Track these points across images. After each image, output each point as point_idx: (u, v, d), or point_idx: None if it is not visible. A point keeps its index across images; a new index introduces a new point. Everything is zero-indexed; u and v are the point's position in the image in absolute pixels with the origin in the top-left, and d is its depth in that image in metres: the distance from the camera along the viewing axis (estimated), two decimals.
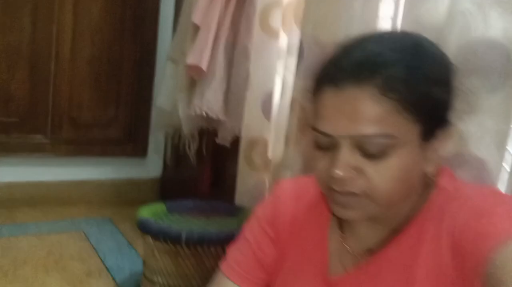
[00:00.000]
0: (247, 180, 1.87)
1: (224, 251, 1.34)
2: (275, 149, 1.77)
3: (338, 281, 0.77)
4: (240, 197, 1.90)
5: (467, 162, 1.09)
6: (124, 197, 2.83)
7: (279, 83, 1.75)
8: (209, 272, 1.53)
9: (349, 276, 0.76)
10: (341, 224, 0.81)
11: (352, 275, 0.76)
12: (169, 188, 2.84)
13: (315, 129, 0.68)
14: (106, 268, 2.05)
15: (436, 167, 0.71)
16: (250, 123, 1.82)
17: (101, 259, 2.13)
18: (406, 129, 0.64)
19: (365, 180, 0.65)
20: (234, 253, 0.89)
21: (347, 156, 0.65)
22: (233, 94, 1.94)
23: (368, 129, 0.63)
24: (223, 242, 1.49)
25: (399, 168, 0.65)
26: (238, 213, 1.85)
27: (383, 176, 0.65)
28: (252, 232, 0.88)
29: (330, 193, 0.69)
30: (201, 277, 1.57)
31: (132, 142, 2.87)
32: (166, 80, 2.32)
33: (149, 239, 1.62)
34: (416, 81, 0.64)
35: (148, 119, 2.85)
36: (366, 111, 0.63)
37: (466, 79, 0.73)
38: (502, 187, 1.09)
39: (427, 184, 0.73)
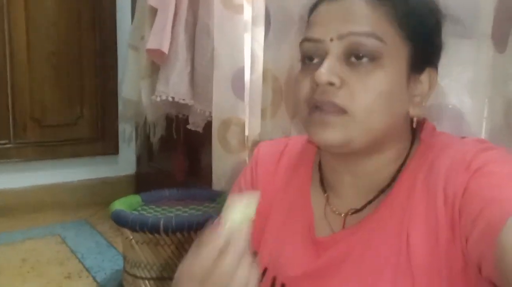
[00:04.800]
0: (223, 163, 1.81)
1: None
2: (251, 125, 1.71)
3: (326, 241, 0.72)
4: (218, 181, 1.84)
5: (445, 113, 1.07)
6: (99, 197, 2.72)
7: (248, 57, 1.68)
8: None
9: (337, 236, 0.71)
10: (323, 183, 0.77)
11: (340, 235, 0.71)
12: (145, 183, 2.76)
13: (304, 39, 0.68)
14: (86, 269, 1.99)
15: (419, 112, 0.68)
16: (221, 103, 1.75)
17: (80, 260, 2.06)
18: (395, 42, 0.64)
19: (348, 92, 0.64)
20: None
21: (333, 63, 0.64)
22: (199, 76, 1.87)
23: (359, 27, 0.64)
24: (203, 226, 1.42)
25: (383, 84, 0.63)
26: (216, 198, 1.78)
27: (366, 89, 0.63)
28: None
29: (310, 114, 0.66)
30: None
31: (102, 140, 2.78)
32: (129, 69, 2.24)
33: (127, 232, 1.55)
34: None
35: (116, 113, 2.75)
36: (359, 13, 0.64)
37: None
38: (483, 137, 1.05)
39: (411, 140, 0.70)
